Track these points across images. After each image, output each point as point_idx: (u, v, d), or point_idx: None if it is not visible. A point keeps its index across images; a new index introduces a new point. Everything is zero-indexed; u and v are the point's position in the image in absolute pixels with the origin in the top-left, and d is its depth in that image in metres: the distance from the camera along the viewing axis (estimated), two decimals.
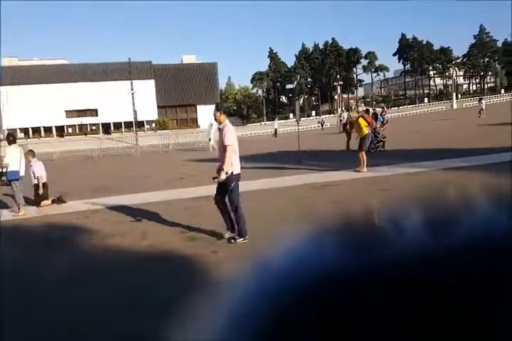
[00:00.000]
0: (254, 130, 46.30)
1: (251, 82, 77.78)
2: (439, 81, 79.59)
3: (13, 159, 7.15)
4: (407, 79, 79.42)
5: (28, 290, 3.74)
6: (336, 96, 58.98)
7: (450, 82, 65.57)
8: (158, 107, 62.21)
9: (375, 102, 70.07)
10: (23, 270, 4.30)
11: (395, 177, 8.00)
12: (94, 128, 60.40)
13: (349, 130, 13.12)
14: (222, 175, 4.48)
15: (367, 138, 9.44)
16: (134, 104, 40.25)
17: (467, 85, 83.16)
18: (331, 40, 76.21)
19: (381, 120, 15.42)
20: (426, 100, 73.32)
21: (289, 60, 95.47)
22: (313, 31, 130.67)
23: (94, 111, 59.90)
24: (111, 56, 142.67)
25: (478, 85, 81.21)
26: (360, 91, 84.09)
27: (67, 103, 57.74)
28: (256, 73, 76.33)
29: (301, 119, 28.92)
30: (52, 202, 7.92)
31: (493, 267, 0.23)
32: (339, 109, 47.78)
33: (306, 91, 77.88)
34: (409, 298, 0.23)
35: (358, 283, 0.25)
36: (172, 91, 63.67)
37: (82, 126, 60.13)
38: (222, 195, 4.69)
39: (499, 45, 74.91)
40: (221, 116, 4.73)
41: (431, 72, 77.77)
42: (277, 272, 0.29)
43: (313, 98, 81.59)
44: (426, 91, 79.90)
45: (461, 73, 77.06)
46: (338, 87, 54.93)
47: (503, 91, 70.44)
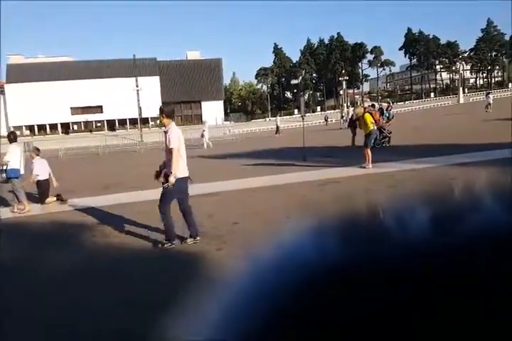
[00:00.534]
0: (258, 126, 46.20)
1: (255, 78, 77.49)
2: (445, 75, 78.76)
3: (13, 157, 7.23)
4: (413, 74, 78.67)
5: (28, 289, 3.75)
6: (342, 92, 58.58)
7: (457, 77, 64.84)
8: (163, 104, 62.09)
9: (380, 97, 69.56)
10: (22, 267, 4.31)
11: (401, 174, 7.92)
12: (99, 125, 60.55)
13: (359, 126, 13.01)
14: (171, 179, 4.44)
15: (372, 135, 9.35)
16: (138, 100, 40.31)
17: (474, 79, 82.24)
18: (336, 35, 75.67)
19: (387, 115, 15.30)
20: (432, 95, 72.64)
21: (294, 55, 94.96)
22: (319, 26, 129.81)
23: (99, 108, 60.01)
24: (116, 53, 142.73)
25: (486, 79, 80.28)
26: (365, 87, 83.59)
27: (73, 100, 57.88)
28: (261, 69, 75.99)
29: (306, 115, 28.75)
30: (57, 199, 7.96)
31: (496, 262, 0.23)
32: (345, 105, 47.49)
33: (311, 86, 77.44)
34: (411, 294, 0.23)
35: (362, 279, 0.25)
36: (177, 88, 63.59)
37: (87, 123, 60.30)
38: (165, 201, 4.58)
39: (507, 38, 73.96)
40: (165, 119, 4.68)
41: (437, 67, 76.95)
42: (278, 269, 0.28)
43: (318, 93, 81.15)
44: (432, 85, 79.13)
45: (468, 67, 76.16)
46: (344, 82, 54.51)
47: (510, 85, 69.61)
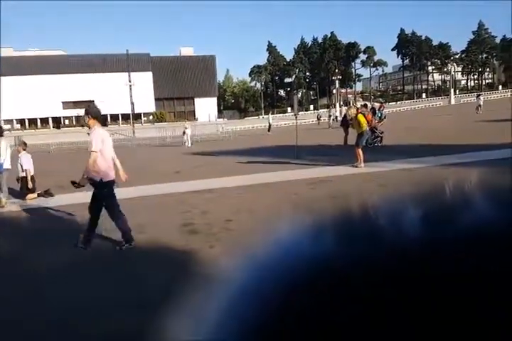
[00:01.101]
0: (252, 123, 46.16)
1: (249, 76, 77.36)
2: (437, 76, 79.44)
3: None
4: (405, 75, 79.21)
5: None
6: (335, 91, 58.78)
7: (448, 78, 65.46)
8: (156, 99, 61.83)
9: (373, 97, 69.94)
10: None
11: (393, 173, 8.02)
12: None
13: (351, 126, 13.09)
14: (82, 180, 4.39)
15: (364, 135, 9.47)
16: (131, 96, 39.99)
17: (465, 81, 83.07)
18: (329, 35, 75.80)
19: (379, 115, 15.40)
20: (424, 95, 73.24)
21: (288, 53, 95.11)
22: (313, 25, 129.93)
23: (91, 103, 59.48)
24: (109, 47, 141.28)
25: (476, 81, 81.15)
26: (358, 86, 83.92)
27: (64, 94, 57.26)
28: (254, 66, 75.86)
29: (300, 113, 28.81)
30: (38, 195, 7.84)
31: (484, 261, 0.24)
32: (337, 104, 47.66)
33: (305, 85, 77.57)
34: (403, 294, 0.24)
35: (358, 277, 0.25)
36: (170, 84, 63.25)
37: (79, 118, 59.58)
38: (95, 203, 4.51)
39: (497, 41, 74.82)
40: (90, 120, 4.55)
41: (429, 68, 77.60)
42: (272, 267, 0.29)
43: (311, 92, 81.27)
44: (424, 86, 79.79)
45: (460, 69, 76.92)
46: (337, 82, 54.65)
47: (500, 87, 70.51)
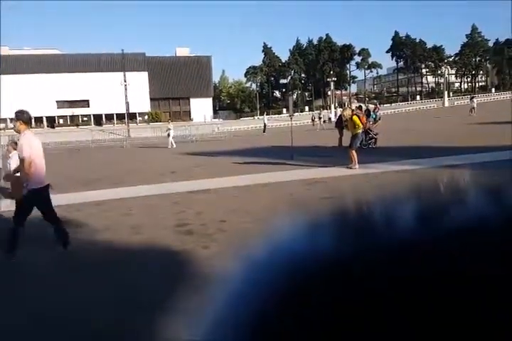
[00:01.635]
0: (247, 124, 46.19)
1: (245, 76, 77.39)
2: (431, 79, 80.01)
3: None
4: (399, 77, 79.68)
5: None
6: (329, 92, 58.98)
7: (442, 80, 65.94)
8: (151, 99, 61.64)
9: (367, 99, 70.27)
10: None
11: (386, 175, 8.07)
12: (85, 119, 59.68)
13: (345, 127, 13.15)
14: (16, 189, 4.26)
15: (358, 137, 9.52)
16: (126, 95, 39.87)
17: (459, 84, 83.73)
18: (325, 36, 76.09)
19: (374, 117, 15.49)
20: (418, 97, 73.70)
21: (283, 55, 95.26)
22: (308, 27, 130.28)
23: (85, 102, 59.15)
24: (104, 47, 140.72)
25: (470, 84, 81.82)
26: (353, 88, 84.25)
27: (59, 93, 56.90)
28: (250, 67, 75.92)
29: (295, 114, 28.86)
30: None
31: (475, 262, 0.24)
32: (332, 106, 47.84)
33: (300, 86, 77.73)
34: (397, 294, 0.24)
35: (353, 277, 0.25)
36: (165, 84, 63.08)
37: (73, 117, 59.37)
38: (22, 209, 4.30)
39: (490, 44, 75.56)
40: (21, 125, 4.36)
41: (423, 70, 78.11)
42: (266, 267, 0.29)
43: (306, 93, 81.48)
44: (418, 88, 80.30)
45: (453, 72, 77.53)
46: (332, 83, 54.83)
47: (493, 90, 71.17)
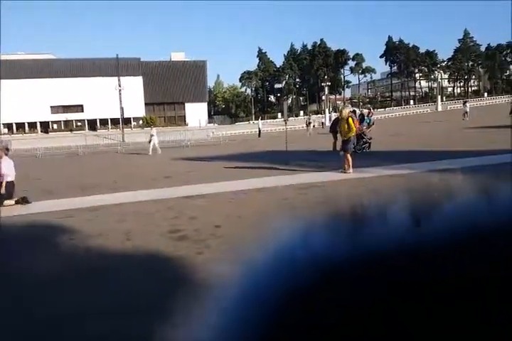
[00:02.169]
0: (242, 129, 46.26)
1: (240, 81, 77.65)
2: (424, 83, 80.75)
3: None
4: (393, 81, 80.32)
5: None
6: (324, 97, 59.31)
7: (435, 85, 66.57)
8: (146, 104, 61.60)
9: (361, 103, 70.70)
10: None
11: (381, 179, 8.08)
12: (79, 124, 59.46)
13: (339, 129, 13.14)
14: None
15: (351, 141, 9.53)
16: (121, 100, 39.82)
17: (452, 88, 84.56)
18: (319, 41, 76.64)
19: (367, 121, 15.56)
20: (412, 102, 74.29)
21: (278, 60, 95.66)
22: (303, 32, 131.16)
23: (80, 107, 58.96)
24: (99, 52, 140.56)
25: (463, 88, 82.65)
26: (347, 92, 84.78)
27: (53, 98, 56.69)
28: (245, 72, 76.19)
29: (290, 119, 28.96)
30: (16, 202, 7.60)
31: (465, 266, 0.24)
32: (326, 110, 48.06)
33: (295, 91, 78.09)
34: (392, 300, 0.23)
35: (349, 282, 0.25)
36: (160, 89, 63.08)
37: (67, 122, 59.12)
38: None
39: (482, 49, 76.49)
40: None
41: (417, 75, 78.84)
42: (261, 273, 0.29)
43: (301, 98, 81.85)
44: (412, 93, 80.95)
45: (446, 76, 78.34)
46: (326, 88, 55.17)
47: (486, 94, 71.93)
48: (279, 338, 0.25)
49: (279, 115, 59.86)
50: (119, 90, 40.10)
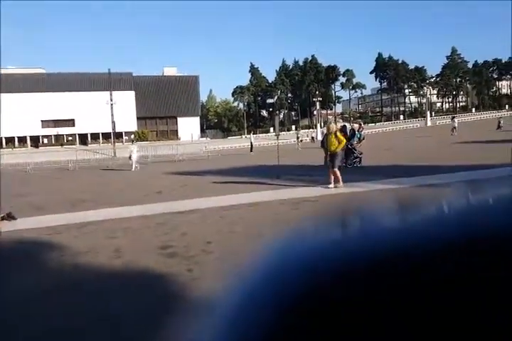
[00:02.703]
0: (234, 143, 46.41)
1: (232, 96, 78.33)
2: (413, 99, 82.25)
3: None
4: (383, 97, 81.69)
5: None
6: (315, 112, 59.99)
7: (424, 100, 67.80)
8: (138, 118, 61.65)
9: (352, 118, 71.59)
10: None
11: (371, 193, 8.13)
12: (70, 138, 59.17)
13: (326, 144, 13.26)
14: None
15: (338, 156, 9.57)
16: (112, 114, 39.80)
17: (440, 104, 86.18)
18: (310, 57, 78.02)
19: (358, 136, 15.74)
20: (401, 117, 75.43)
21: (270, 75, 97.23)
22: (294, 48, 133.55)
23: (71, 122, 58.79)
24: (91, 67, 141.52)
25: (451, 104, 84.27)
26: (338, 108, 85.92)
27: (44, 112, 56.50)
28: (237, 87, 76.99)
29: (282, 133, 29.16)
30: (2, 218, 7.50)
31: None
32: (318, 125, 48.53)
33: (287, 106, 78.94)
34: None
35: (339, 297, 0.25)
36: (152, 103, 63.32)
37: (58, 137, 58.81)
38: None
39: (470, 66, 78.47)
40: None
41: (406, 91, 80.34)
42: (253, 290, 0.28)
43: (293, 113, 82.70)
44: (401, 108, 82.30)
45: (435, 92, 79.94)
46: (317, 103, 55.86)
47: (474, 110, 73.43)
48: None
49: (271, 129, 60.25)
50: (111, 104, 40.15)
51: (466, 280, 0.23)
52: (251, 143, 30.66)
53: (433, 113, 71.48)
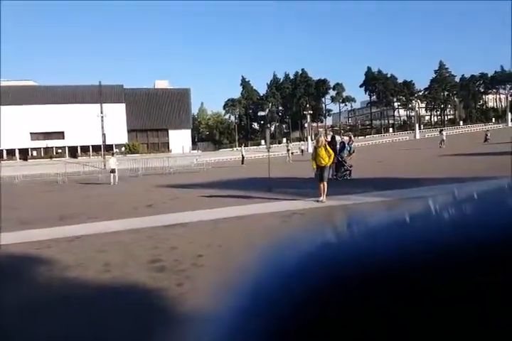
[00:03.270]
0: (225, 156, 46.48)
1: (223, 109, 78.92)
2: (402, 112, 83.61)
3: None
4: (373, 110, 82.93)
5: None
6: (306, 125, 60.60)
7: (413, 114, 68.98)
8: (129, 131, 61.55)
9: (342, 131, 72.41)
10: None
11: (362, 206, 8.19)
12: (60, 151, 58.74)
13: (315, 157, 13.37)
14: None
15: (327, 169, 9.66)
16: (103, 127, 39.75)
17: (429, 117, 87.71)
18: (300, 71, 79.17)
19: (348, 149, 15.89)
20: (391, 130, 76.51)
21: (261, 88, 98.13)
22: (285, 61, 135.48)
23: (61, 134, 58.45)
24: (81, 79, 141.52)
25: (439, 117, 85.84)
26: (328, 121, 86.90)
27: (33, 125, 56.13)
28: (228, 100, 77.62)
29: (273, 146, 29.34)
30: None
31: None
32: (309, 138, 48.94)
33: (278, 118, 79.64)
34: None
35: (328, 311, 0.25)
36: (144, 116, 63.38)
37: (47, 149, 58.34)
38: None
39: (457, 80, 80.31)
40: None
41: (395, 104, 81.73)
42: (243, 304, 0.29)
43: (284, 125, 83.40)
44: (391, 121, 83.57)
45: (423, 105, 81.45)
46: (308, 116, 56.49)
47: (461, 123, 74.82)
48: None
49: (263, 142, 60.57)
50: (101, 117, 40.10)
51: (461, 286, 0.23)
52: (242, 155, 30.74)
53: (422, 126, 72.65)
